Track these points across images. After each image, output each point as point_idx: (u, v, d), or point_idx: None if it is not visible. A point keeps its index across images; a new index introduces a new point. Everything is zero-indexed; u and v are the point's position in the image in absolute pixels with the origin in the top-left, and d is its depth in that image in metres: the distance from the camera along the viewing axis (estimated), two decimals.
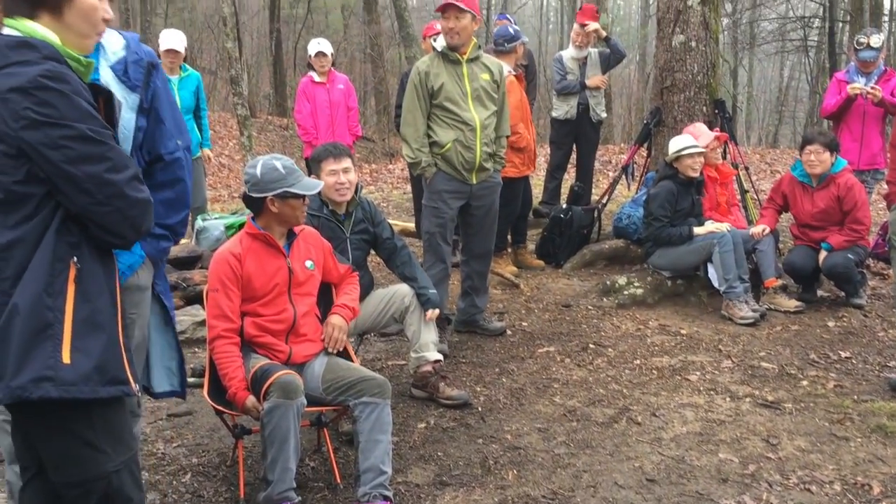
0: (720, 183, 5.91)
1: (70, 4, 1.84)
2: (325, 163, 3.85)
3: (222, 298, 3.13)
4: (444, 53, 4.67)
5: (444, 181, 4.71)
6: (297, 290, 3.28)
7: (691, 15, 6.32)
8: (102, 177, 1.73)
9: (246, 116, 9.65)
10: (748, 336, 5.08)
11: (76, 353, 1.72)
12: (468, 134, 4.64)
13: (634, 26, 33.30)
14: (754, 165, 12.30)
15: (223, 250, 3.21)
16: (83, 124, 1.71)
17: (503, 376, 4.47)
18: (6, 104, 1.66)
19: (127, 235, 1.86)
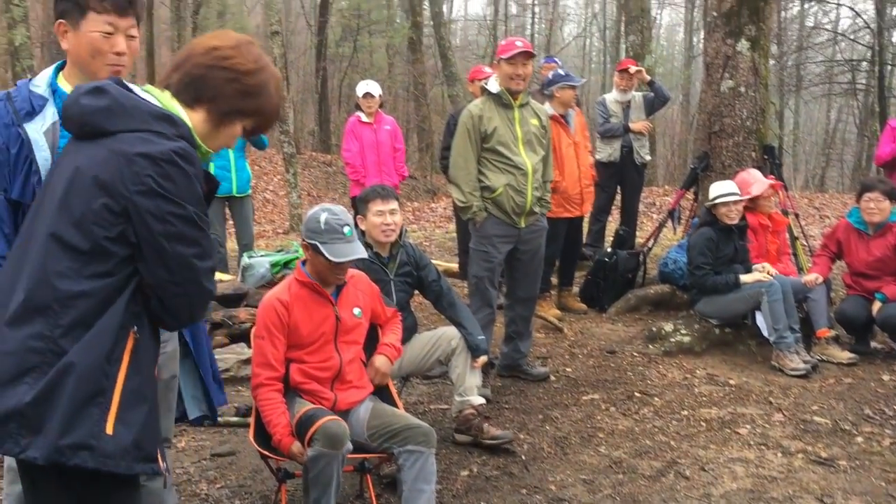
0: (772, 231, 5.81)
1: (228, 124, 1.92)
2: (372, 203, 3.87)
3: (267, 346, 3.14)
4: (498, 96, 4.69)
5: (494, 225, 4.70)
6: (343, 338, 3.27)
7: (740, 60, 6.29)
8: (189, 260, 1.76)
9: (292, 154, 9.80)
10: (800, 388, 4.95)
11: (119, 424, 1.69)
12: (520, 178, 4.64)
13: (678, 67, 33.26)
14: (803, 210, 12.10)
15: (271, 296, 3.22)
16: (193, 207, 1.75)
17: (547, 423, 4.41)
18: (131, 165, 1.69)
19: (182, 320, 1.88)
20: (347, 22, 25.38)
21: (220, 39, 1.92)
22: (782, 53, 21.64)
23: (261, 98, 1.93)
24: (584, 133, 6.44)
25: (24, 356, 1.67)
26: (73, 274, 1.69)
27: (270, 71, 1.96)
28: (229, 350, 5.01)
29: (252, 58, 1.91)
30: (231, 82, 1.88)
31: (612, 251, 6.69)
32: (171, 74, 1.89)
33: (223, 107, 1.89)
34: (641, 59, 14.77)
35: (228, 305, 5.52)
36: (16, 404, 1.64)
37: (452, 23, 34.00)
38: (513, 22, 33.51)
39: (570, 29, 37.79)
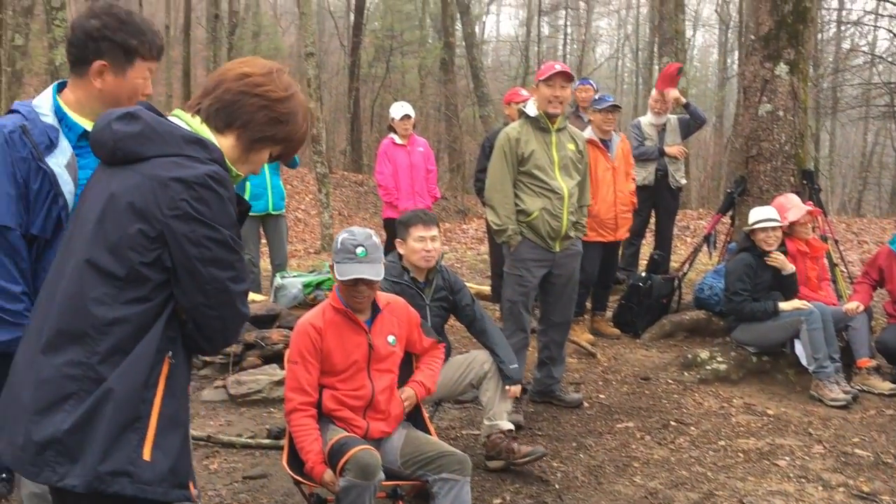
0: (810, 257, 5.70)
1: (257, 151, 1.92)
2: (414, 228, 3.86)
3: (300, 371, 3.13)
4: (535, 119, 4.67)
5: (529, 249, 4.67)
6: (376, 367, 3.24)
7: (779, 84, 6.22)
8: (224, 283, 1.75)
9: (325, 174, 9.86)
10: (840, 419, 4.83)
11: (157, 450, 1.69)
12: (556, 202, 4.62)
13: (711, 88, 33.08)
14: (840, 235, 11.90)
15: (305, 321, 3.21)
16: (227, 231, 1.75)
17: (581, 452, 4.34)
18: (166, 190, 1.69)
19: (216, 343, 1.88)
20: (380, 43, 25.61)
21: (251, 66, 1.92)
22: (818, 76, 21.40)
23: (290, 126, 1.93)
24: (626, 159, 6.37)
25: (62, 383, 1.66)
26: (110, 300, 1.69)
27: (299, 99, 1.96)
28: (261, 371, 5.01)
29: (283, 86, 1.91)
30: (262, 109, 1.88)
31: (646, 276, 6.62)
32: (201, 99, 1.89)
33: (254, 133, 1.89)
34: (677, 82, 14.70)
35: (261, 326, 5.53)
36: (53, 432, 1.64)
37: (484, 43, 34.17)
38: (545, 43, 33.63)
39: (603, 50, 37.85)
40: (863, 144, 28.39)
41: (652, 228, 7.81)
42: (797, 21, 6.15)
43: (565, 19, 32.33)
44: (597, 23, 35.46)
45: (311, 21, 9.60)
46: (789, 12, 6.13)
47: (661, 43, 15.88)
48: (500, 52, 37.28)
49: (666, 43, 15.29)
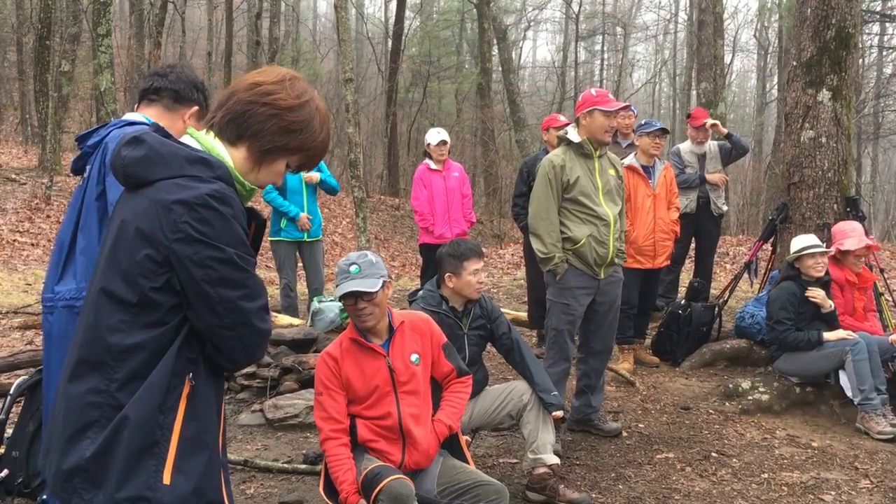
0: (858, 288, 5.59)
1: (270, 161, 1.90)
2: (469, 262, 3.83)
3: (327, 400, 3.14)
4: (579, 146, 4.64)
5: (575, 277, 4.62)
6: (402, 389, 3.21)
7: (821, 111, 6.14)
8: (236, 302, 1.73)
9: (362, 199, 9.91)
10: (887, 453, 4.69)
11: (177, 473, 1.68)
12: (602, 229, 4.58)
13: (750, 113, 32.80)
14: (884, 264, 11.65)
15: (323, 353, 3.25)
16: (233, 249, 1.72)
17: (619, 482, 4.27)
18: (169, 213, 1.69)
19: (239, 362, 1.85)
20: (417, 68, 25.86)
21: (263, 75, 1.90)
22: (860, 101, 21.09)
23: (304, 134, 1.89)
24: (670, 187, 6.31)
25: (85, 411, 1.68)
26: (125, 327, 1.69)
27: (315, 106, 1.91)
28: (298, 396, 5.03)
29: (295, 93, 1.87)
30: (272, 118, 1.84)
31: (686, 303, 6.52)
32: (215, 112, 1.88)
33: (264, 143, 1.86)
34: (714, 106, 14.63)
35: (298, 350, 5.56)
36: (78, 460, 1.66)
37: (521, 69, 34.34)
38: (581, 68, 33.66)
39: (640, 75, 37.75)
40: None
41: (692, 255, 7.72)
42: (840, 47, 6.07)
43: (602, 44, 32.38)
44: (634, 48, 35.48)
45: (349, 47, 9.71)
46: (832, 38, 6.06)
47: (700, 68, 15.80)
48: (537, 77, 37.41)
49: (704, 68, 15.22)
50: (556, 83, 29.31)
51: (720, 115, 14.91)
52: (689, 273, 7.88)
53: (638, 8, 34.15)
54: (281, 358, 5.31)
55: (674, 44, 32.04)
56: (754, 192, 23.17)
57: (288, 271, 6.79)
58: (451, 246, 3.94)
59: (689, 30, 22.64)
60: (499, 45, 23.03)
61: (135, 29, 21.51)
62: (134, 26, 21.83)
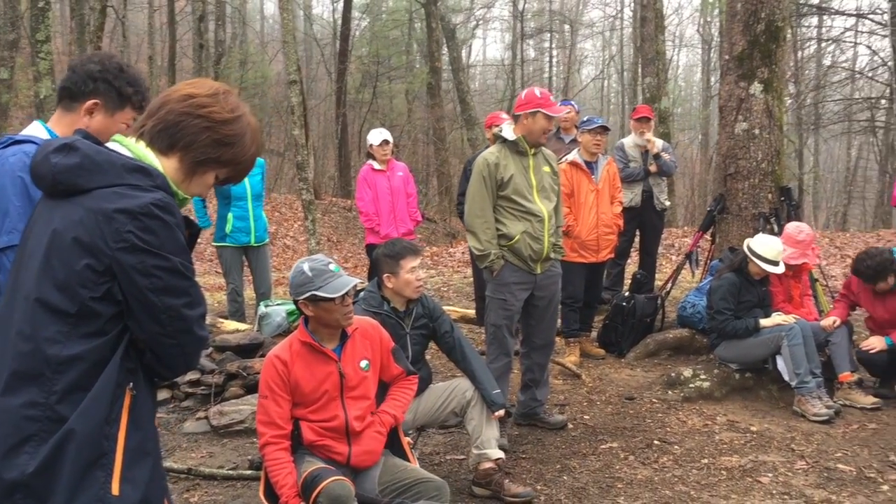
0: (794, 276, 5.74)
1: (202, 173, 1.90)
2: (406, 260, 3.84)
3: (271, 405, 3.12)
4: (514, 143, 4.70)
5: (512, 273, 4.68)
6: (350, 394, 3.22)
7: (754, 103, 6.29)
8: (180, 311, 1.73)
9: (310, 201, 9.87)
10: (822, 434, 4.84)
11: (125, 483, 1.68)
12: (536, 225, 4.65)
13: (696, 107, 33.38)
14: (824, 250, 11.99)
15: (271, 355, 3.20)
16: (177, 257, 1.73)
17: (564, 474, 4.34)
18: (111, 222, 1.67)
19: (178, 370, 1.86)
20: (367, 69, 25.80)
21: (196, 87, 1.90)
22: (800, 92, 21.62)
23: (236, 148, 1.90)
24: (613, 182, 6.40)
25: (21, 425, 1.64)
26: (64, 338, 1.67)
27: (247, 120, 1.93)
28: (244, 401, 5.00)
29: (229, 107, 1.89)
30: (206, 130, 1.85)
31: (629, 295, 6.64)
32: (145, 121, 1.87)
33: (197, 155, 1.86)
34: (658, 101, 14.90)
35: (244, 356, 5.53)
36: (19, 475, 1.62)
37: (471, 67, 34.48)
38: (531, 66, 33.93)
39: (588, 71, 38.18)
40: (847, 159, 28.66)
41: (638, 248, 7.85)
42: (769, 40, 6.23)
43: (550, 41, 32.66)
44: (581, 44, 35.89)
45: (293, 49, 9.66)
46: (762, 32, 6.22)
47: (644, 64, 16.06)
48: (487, 75, 37.61)
49: (648, 63, 15.48)
50: (505, 81, 29.51)
51: (664, 110, 15.19)
52: (636, 266, 8.00)
53: (584, 5, 34.52)
54: (226, 364, 5.27)
55: (620, 40, 32.45)
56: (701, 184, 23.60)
57: (235, 276, 6.74)
58: (387, 246, 3.96)
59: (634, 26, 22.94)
60: (447, 44, 23.04)
61: (75, 34, 21.03)
62: (74, 31, 21.37)
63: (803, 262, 5.62)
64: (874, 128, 21.87)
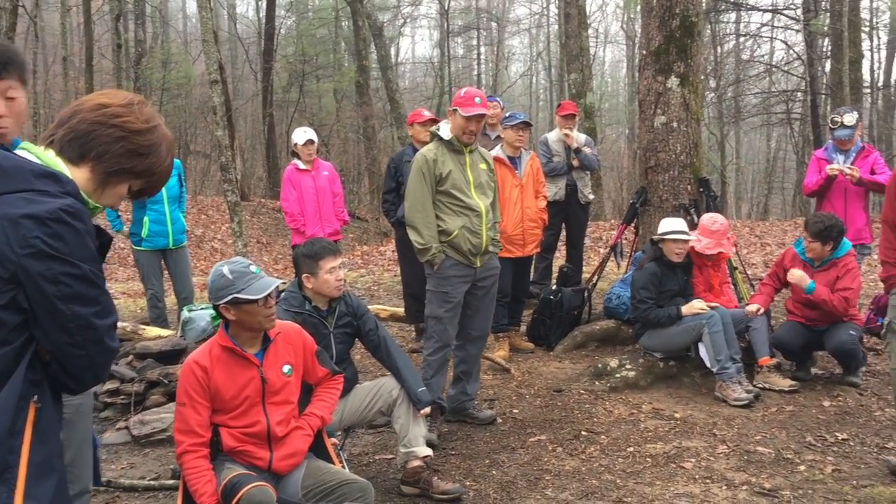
0: (714, 265, 5.88)
1: (115, 184, 1.86)
2: (324, 261, 3.80)
3: (189, 412, 3.03)
4: (449, 142, 4.74)
5: (453, 266, 4.72)
6: (272, 400, 3.15)
7: (671, 97, 6.43)
8: (89, 320, 1.68)
9: (236, 203, 9.69)
10: (743, 418, 4.97)
11: (29, 500, 1.62)
12: (474, 220, 4.70)
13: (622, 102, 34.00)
14: (744, 239, 12.35)
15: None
16: (87, 265, 1.67)
17: (493, 468, 4.35)
18: (17, 228, 1.60)
19: (86, 382, 1.79)
20: (293, 67, 25.50)
21: (109, 97, 1.87)
22: (720, 86, 22.26)
23: (151, 158, 1.87)
24: (536, 177, 6.45)
25: None
26: None
27: (162, 132, 1.91)
28: (166, 409, 4.86)
29: (144, 117, 1.86)
30: (120, 141, 1.82)
31: (556, 289, 6.71)
32: (55, 130, 1.82)
33: (110, 165, 1.82)
34: (583, 96, 15.10)
35: (167, 362, 5.38)
36: None
37: (400, 65, 34.43)
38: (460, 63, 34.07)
39: (517, 68, 38.53)
40: (767, 151, 29.62)
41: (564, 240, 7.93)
42: (685, 35, 6.37)
43: (477, 39, 32.83)
44: (509, 41, 36.17)
45: (213, 48, 9.47)
46: (677, 27, 6.35)
47: (569, 60, 16.26)
48: (416, 73, 37.60)
49: (573, 60, 15.68)
50: (434, 79, 29.55)
51: (589, 105, 15.42)
52: (564, 259, 8.09)
53: (511, 2, 34.81)
54: (147, 371, 5.13)
55: (547, 36, 32.82)
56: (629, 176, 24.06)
57: (154, 281, 6.57)
58: (306, 247, 3.92)
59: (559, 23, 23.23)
60: (375, 42, 22.97)
61: None
62: None
63: (719, 252, 5.77)
64: (791, 120, 22.66)
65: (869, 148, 6.28)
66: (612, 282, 7.34)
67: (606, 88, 37.30)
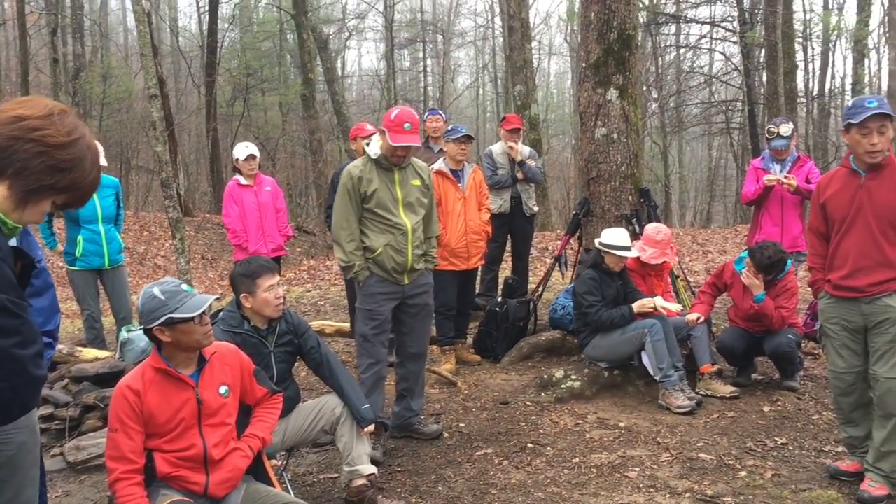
0: (656, 275, 5.96)
1: (36, 201, 1.76)
2: (262, 279, 3.74)
3: (122, 438, 2.93)
4: (378, 161, 4.66)
5: (378, 284, 4.67)
6: (208, 422, 3.07)
7: (611, 108, 6.51)
8: (10, 351, 1.60)
9: (177, 219, 9.49)
10: (686, 426, 5.03)
11: None
12: (399, 238, 4.63)
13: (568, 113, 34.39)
14: (687, 247, 12.57)
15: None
16: (3, 294, 1.59)
17: (439, 484, 4.32)
18: None
19: (14, 413, 1.72)
20: (237, 81, 25.22)
21: (27, 108, 1.77)
22: (662, 97, 22.68)
23: (74, 173, 1.78)
24: (480, 189, 6.45)
25: None
26: None
27: (86, 142, 1.81)
28: (103, 434, 4.71)
29: (65, 129, 1.77)
30: (39, 156, 1.73)
31: (502, 301, 6.72)
32: None
33: (30, 182, 1.73)
34: (528, 108, 15.23)
35: (105, 385, 5.22)
36: None
37: (346, 78, 34.32)
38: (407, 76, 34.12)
39: (464, 79, 38.73)
40: (708, 160, 30.25)
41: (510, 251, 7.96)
42: (623, 48, 6.46)
43: (423, 52, 32.91)
44: (455, 53, 36.34)
45: (151, 63, 9.29)
46: (615, 40, 6.44)
47: (513, 72, 16.40)
48: (363, 86, 37.51)
49: (517, 72, 15.82)
50: (381, 91, 29.51)
51: (534, 117, 15.56)
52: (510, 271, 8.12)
53: (456, 15, 35.00)
54: (83, 395, 4.97)
55: (493, 48, 33.07)
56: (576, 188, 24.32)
57: (90, 302, 6.38)
58: (242, 266, 3.85)
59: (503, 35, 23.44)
60: (320, 55, 22.82)
61: None
62: None
63: (661, 262, 5.84)
64: (730, 129, 23.21)
65: (804, 157, 6.45)
66: (558, 292, 7.39)
67: (552, 99, 37.75)
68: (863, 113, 3.72)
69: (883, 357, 3.82)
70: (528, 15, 17.56)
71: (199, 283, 13.09)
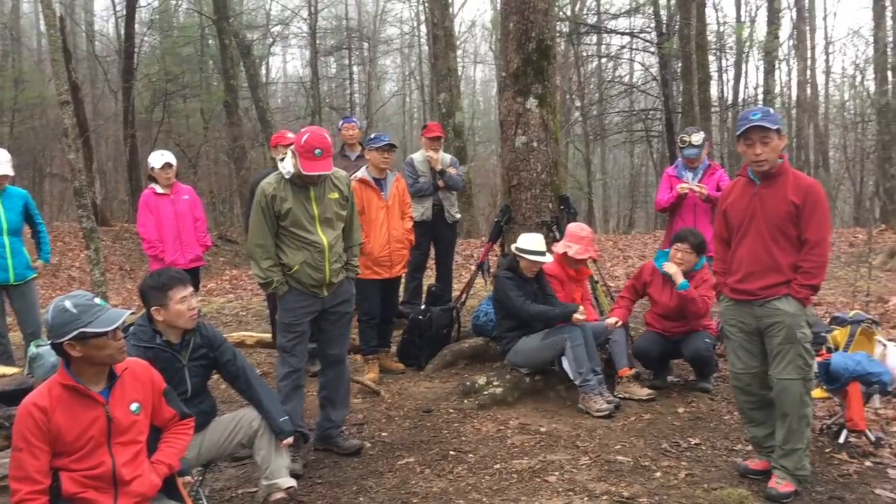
0: (576, 281, 6.06)
1: None
2: (174, 290, 3.66)
3: (26, 458, 2.82)
4: (291, 180, 4.53)
5: (297, 297, 4.62)
6: (118, 440, 2.98)
7: (530, 117, 6.60)
8: None
9: (92, 229, 9.20)
10: (604, 429, 5.12)
11: None
12: (316, 255, 4.57)
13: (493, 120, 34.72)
14: (608, 252, 12.83)
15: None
16: None
17: (361, 495, 4.29)
18: None
19: None
20: (157, 87, 24.60)
21: None
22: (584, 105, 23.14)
23: None
24: (402, 198, 6.45)
25: None
26: None
27: None
28: (7, 454, 4.51)
29: None
30: None
31: (425, 308, 6.73)
32: None
33: None
34: (452, 116, 15.32)
35: (11, 403, 4.99)
36: None
37: (271, 84, 33.86)
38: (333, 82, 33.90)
39: (390, 87, 38.72)
40: (630, 167, 30.96)
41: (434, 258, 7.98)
42: (541, 58, 6.56)
43: (349, 58, 32.78)
44: (382, 60, 36.30)
45: (63, 68, 8.99)
46: (533, 50, 6.54)
47: (438, 80, 16.48)
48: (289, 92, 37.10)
49: (441, 80, 15.90)
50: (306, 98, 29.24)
51: (458, 124, 15.65)
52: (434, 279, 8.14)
53: (381, 22, 34.96)
54: None
55: (419, 56, 33.17)
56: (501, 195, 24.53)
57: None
58: (152, 278, 3.76)
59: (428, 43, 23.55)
60: (244, 61, 22.46)
61: None
62: None
63: (588, 257, 5.94)
64: (649, 137, 23.83)
65: (715, 166, 6.67)
66: (481, 299, 7.44)
67: (478, 107, 38.07)
68: (745, 125, 3.93)
69: (776, 358, 4.01)
70: (452, 24, 17.68)
71: (117, 296, 12.69)
